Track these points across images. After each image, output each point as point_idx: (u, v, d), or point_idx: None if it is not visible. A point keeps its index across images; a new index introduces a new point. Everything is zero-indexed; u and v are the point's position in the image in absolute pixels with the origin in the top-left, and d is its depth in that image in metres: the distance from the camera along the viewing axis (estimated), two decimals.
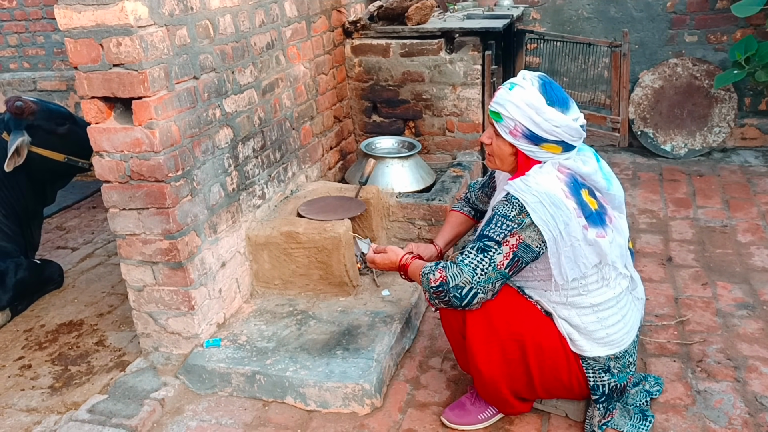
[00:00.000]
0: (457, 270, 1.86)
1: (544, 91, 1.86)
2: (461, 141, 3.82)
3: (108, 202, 2.31)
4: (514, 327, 1.94)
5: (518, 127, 1.86)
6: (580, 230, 1.84)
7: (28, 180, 3.13)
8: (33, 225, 3.30)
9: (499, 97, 1.89)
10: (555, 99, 1.86)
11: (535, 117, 1.83)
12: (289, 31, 3.10)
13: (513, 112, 1.85)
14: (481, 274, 1.85)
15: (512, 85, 1.89)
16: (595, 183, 1.93)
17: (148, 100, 2.12)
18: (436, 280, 1.88)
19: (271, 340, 2.48)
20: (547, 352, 1.96)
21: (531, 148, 1.88)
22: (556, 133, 1.84)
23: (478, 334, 1.95)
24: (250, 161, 2.75)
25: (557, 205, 1.82)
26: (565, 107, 1.86)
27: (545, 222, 1.82)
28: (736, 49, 4.08)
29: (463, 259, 1.88)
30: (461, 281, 1.85)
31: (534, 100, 1.84)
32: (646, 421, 2.06)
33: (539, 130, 1.84)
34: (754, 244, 3.22)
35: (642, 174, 4.25)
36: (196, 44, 2.36)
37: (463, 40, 3.63)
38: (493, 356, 1.96)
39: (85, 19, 2.06)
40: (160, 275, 2.36)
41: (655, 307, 2.74)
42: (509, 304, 1.95)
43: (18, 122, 3.01)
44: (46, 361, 2.68)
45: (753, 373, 2.30)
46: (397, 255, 2.15)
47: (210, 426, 2.22)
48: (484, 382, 2.01)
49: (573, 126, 1.85)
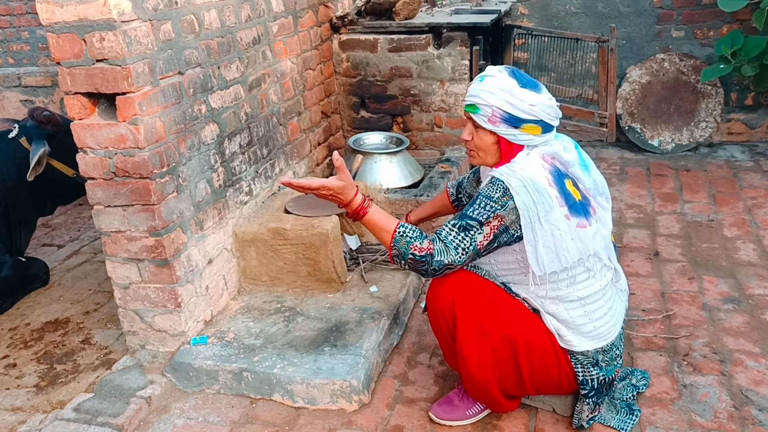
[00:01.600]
0: (443, 246, 1.87)
1: (514, 75, 1.90)
2: (449, 136, 3.81)
3: (93, 199, 2.29)
4: (505, 328, 1.94)
5: (496, 112, 1.88)
6: (563, 220, 1.84)
7: (30, 187, 3.09)
8: (24, 230, 3.27)
9: (472, 90, 1.93)
10: (526, 82, 1.90)
11: (511, 99, 1.86)
12: (276, 26, 3.08)
13: (488, 98, 1.88)
14: (462, 253, 1.87)
15: (482, 77, 1.93)
16: (576, 173, 1.94)
17: (132, 95, 2.10)
18: (423, 250, 1.88)
19: (259, 337, 2.47)
20: (536, 350, 1.96)
21: (511, 131, 1.89)
22: (534, 112, 1.86)
23: (469, 337, 1.94)
24: (236, 157, 2.74)
25: (540, 192, 1.83)
26: (536, 88, 1.90)
27: (527, 207, 1.83)
28: (723, 43, 4.10)
29: (446, 236, 1.89)
30: (445, 258, 1.87)
31: (506, 84, 1.88)
32: (632, 415, 2.07)
33: (516, 110, 1.86)
34: (740, 239, 3.24)
35: (629, 169, 4.27)
36: (180, 39, 2.34)
37: (450, 36, 3.62)
38: (485, 359, 1.95)
39: (68, 14, 2.03)
40: (146, 272, 2.34)
41: (642, 302, 2.75)
42: (498, 305, 1.95)
43: (40, 131, 3.03)
44: (32, 359, 2.65)
45: (738, 366, 2.32)
46: (350, 191, 2.00)
47: (197, 424, 2.21)
48: (475, 383, 2.00)
49: (549, 103, 1.89)
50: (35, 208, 3.28)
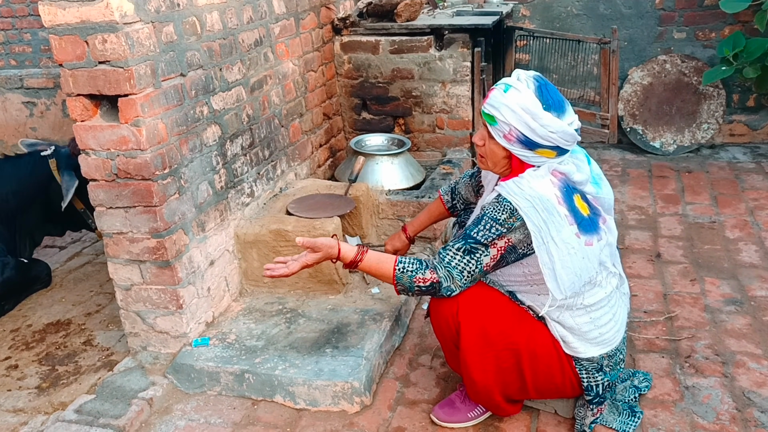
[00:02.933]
0: (447, 273, 1.87)
1: (539, 94, 1.80)
2: (451, 138, 3.81)
3: (94, 201, 2.29)
4: (509, 336, 1.93)
5: (513, 131, 1.80)
6: (574, 238, 1.80)
7: (40, 204, 3.18)
8: (28, 242, 3.29)
9: (494, 100, 1.83)
10: (551, 103, 1.80)
11: (531, 123, 1.78)
12: (278, 28, 3.09)
13: (508, 116, 1.79)
14: (467, 277, 1.87)
15: (507, 86, 1.82)
16: (585, 189, 1.90)
17: (135, 97, 2.10)
18: (427, 280, 1.87)
19: (260, 339, 2.47)
20: (540, 357, 1.95)
21: (525, 153, 1.83)
22: (552, 139, 1.79)
23: (473, 345, 1.93)
24: (238, 159, 2.74)
25: (549, 211, 1.78)
26: (561, 111, 1.81)
27: (538, 228, 1.78)
28: (724, 45, 4.10)
29: (450, 261, 1.87)
30: (452, 284, 1.87)
31: (530, 105, 1.77)
32: (634, 417, 2.07)
33: (535, 135, 1.79)
34: (742, 240, 3.24)
35: (631, 170, 4.27)
36: (183, 41, 2.35)
37: (452, 37, 3.62)
38: (488, 366, 1.95)
39: (70, 16, 2.04)
40: (148, 274, 2.34)
41: (644, 303, 2.74)
42: (502, 313, 1.94)
43: (70, 161, 3.08)
44: (33, 361, 2.66)
45: (741, 368, 2.31)
46: (331, 250, 1.96)
47: (199, 425, 2.21)
48: (478, 390, 2.00)
49: (569, 131, 1.80)
50: (43, 225, 3.32)
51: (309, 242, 1.96)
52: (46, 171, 3.11)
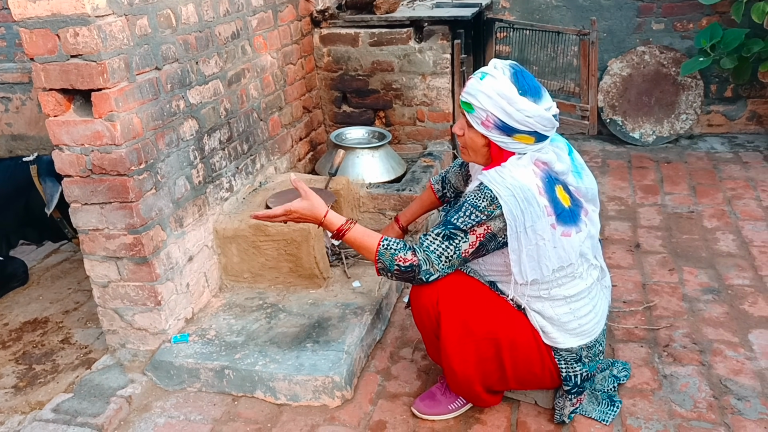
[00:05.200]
0: (425, 256, 1.87)
1: (515, 80, 1.83)
2: (432, 131, 3.81)
3: (70, 197, 2.26)
4: (489, 326, 1.94)
5: (490, 117, 1.83)
6: (548, 229, 1.83)
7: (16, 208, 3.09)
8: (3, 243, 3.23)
9: (471, 88, 1.86)
10: (527, 88, 1.83)
11: (507, 107, 1.81)
12: (255, 21, 3.06)
13: (485, 102, 1.83)
14: (445, 262, 1.88)
15: (483, 74, 1.86)
16: (567, 181, 1.92)
17: (108, 91, 2.07)
18: (407, 261, 1.88)
19: (241, 334, 2.46)
20: (520, 347, 1.96)
21: (503, 139, 1.86)
22: (529, 124, 1.81)
23: (453, 335, 1.94)
24: (216, 153, 2.71)
25: (529, 201, 1.80)
26: (537, 96, 1.84)
27: (514, 216, 1.80)
28: (702, 36, 4.13)
29: (429, 245, 1.88)
30: (431, 268, 1.88)
31: (506, 90, 1.81)
32: (613, 406, 2.09)
33: (511, 120, 1.81)
34: (720, 230, 3.27)
35: (611, 161, 4.29)
36: (157, 34, 2.31)
37: (432, 29, 3.61)
38: (468, 356, 1.95)
39: (41, 9, 2.00)
40: (125, 271, 2.32)
41: (623, 293, 2.76)
42: (482, 303, 1.95)
43: (51, 168, 2.95)
44: (10, 360, 2.62)
45: (718, 356, 2.34)
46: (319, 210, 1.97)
47: (178, 422, 2.19)
48: (458, 380, 2.00)
49: (545, 116, 1.83)
50: (19, 229, 3.24)
51: (302, 186, 1.98)
52: (26, 176, 3.04)
